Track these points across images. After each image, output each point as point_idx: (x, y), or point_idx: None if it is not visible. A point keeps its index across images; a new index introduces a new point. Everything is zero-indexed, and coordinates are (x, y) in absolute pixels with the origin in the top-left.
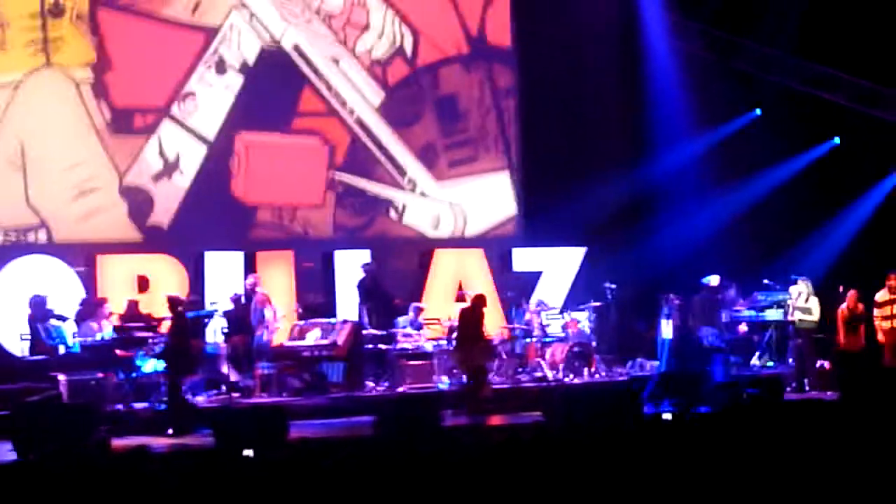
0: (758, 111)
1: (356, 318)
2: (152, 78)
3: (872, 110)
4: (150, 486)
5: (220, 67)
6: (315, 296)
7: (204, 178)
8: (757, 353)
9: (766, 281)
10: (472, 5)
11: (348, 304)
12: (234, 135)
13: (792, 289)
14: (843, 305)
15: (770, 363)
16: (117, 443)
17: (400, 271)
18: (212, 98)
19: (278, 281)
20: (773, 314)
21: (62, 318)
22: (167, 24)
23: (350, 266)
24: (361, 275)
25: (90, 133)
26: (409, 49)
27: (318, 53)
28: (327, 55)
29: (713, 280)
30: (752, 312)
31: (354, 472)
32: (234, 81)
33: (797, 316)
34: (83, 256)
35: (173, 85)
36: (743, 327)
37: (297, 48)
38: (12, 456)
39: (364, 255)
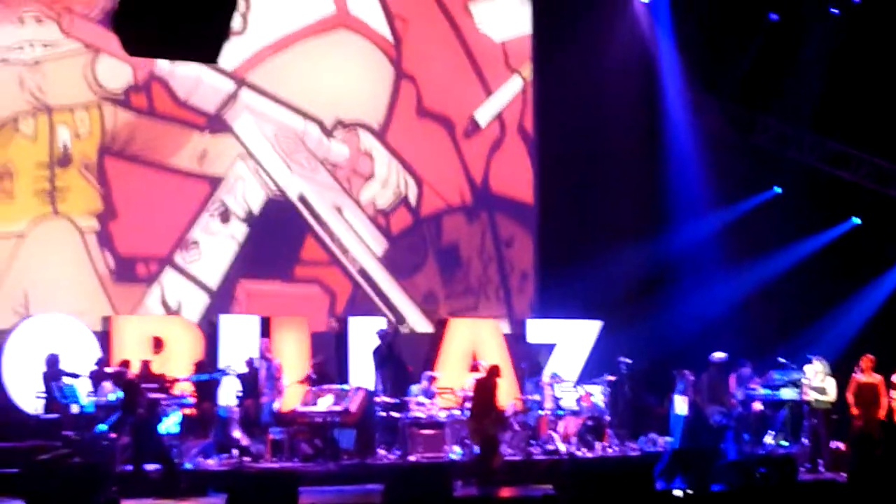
0: (777, 189)
1: (369, 385)
2: (156, 226)
3: (891, 190)
4: None
5: (225, 216)
6: (317, 357)
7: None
8: (771, 432)
9: (781, 359)
10: (476, 154)
11: (361, 371)
12: (235, 283)
13: (807, 368)
14: (857, 372)
15: (784, 443)
16: None
17: (414, 339)
18: (215, 246)
19: (291, 346)
20: (788, 393)
21: (75, 376)
22: (173, 173)
23: (364, 333)
24: (377, 342)
25: (93, 281)
26: (413, 198)
27: (323, 203)
28: (331, 204)
29: (720, 357)
30: (767, 391)
31: None
32: (238, 230)
33: (812, 395)
34: None
35: (177, 233)
36: (757, 405)
37: (302, 198)
38: None
39: (380, 322)
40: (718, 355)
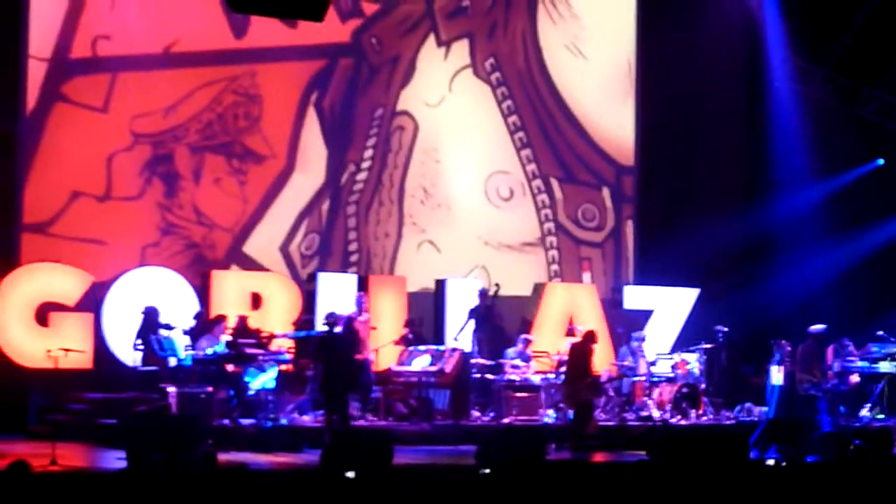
0: (880, 161)
1: (465, 347)
2: None
3: None
4: (253, 502)
5: None
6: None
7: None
8: (867, 405)
9: (879, 333)
10: None
11: (457, 332)
12: None
13: None
14: None
15: (880, 416)
16: (222, 457)
17: (511, 302)
18: None
19: (388, 305)
20: (885, 366)
21: (169, 327)
22: None
23: (462, 293)
24: (475, 301)
25: None
26: None
27: None
28: None
29: (818, 328)
30: (865, 363)
31: (455, 499)
32: None
33: None
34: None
35: None
36: (854, 378)
37: None
38: (122, 464)
39: (477, 284)
40: (817, 327)
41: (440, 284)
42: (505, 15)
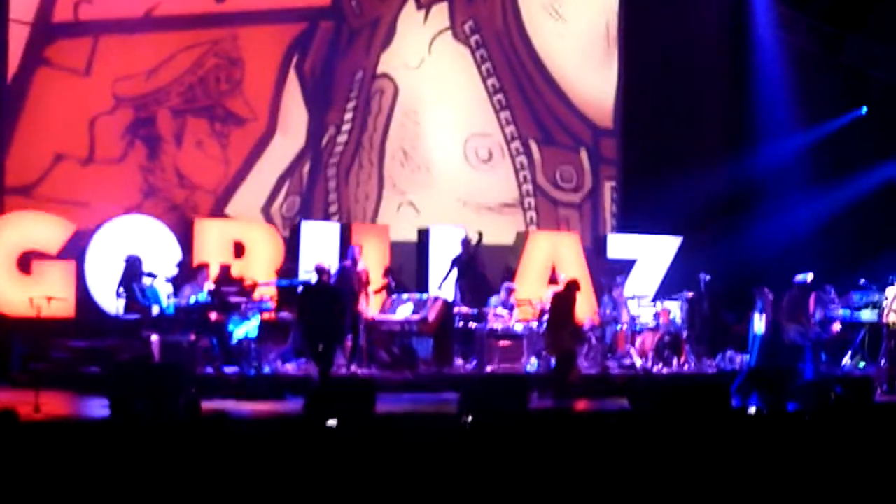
0: (864, 109)
1: (448, 295)
2: None
3: None
4: (235, 449)
5: None
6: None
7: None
8: (849, 354)
9: (862, 281)
10: None
11: (440, 280)
12: None
13: (888, 290)
14: None
15: (862, 364)
16: (205, 405)
17: (494, 250)
18: None
19: (372, 254)
20: (867, 315)
21: (152, 276)
22: None
23: (446, 241)
24: (458, 250)
25: None
26: None
27: None
28: None
29: (803, 278)
30: (847, 312)
31: (437, 447)
32: None
33: (892, 318)
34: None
35: None
36: (836, 326)
37: None
38: (105, 412)
39: (461, 232)
40: (803, 276)
41: (423, 233)
42: None
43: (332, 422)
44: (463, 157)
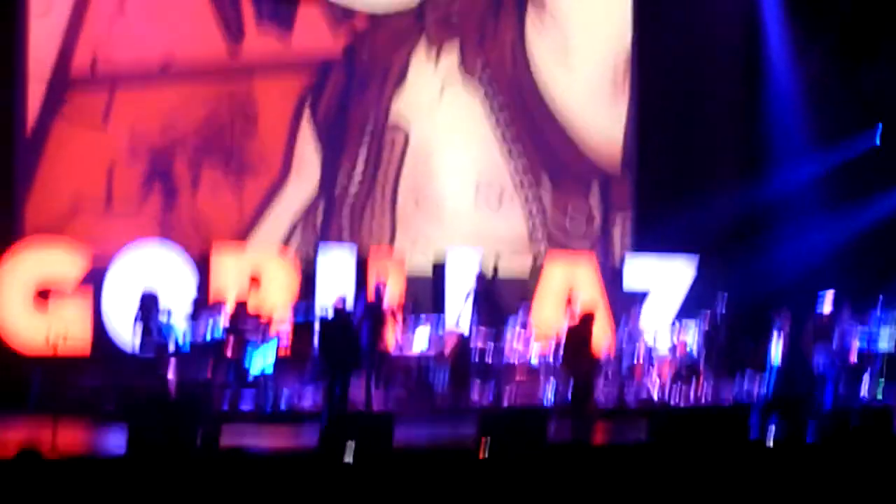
0: (879, 130)
1: (464, 324)
2: None
3: None
4: (253, 484)
5: None
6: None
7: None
8: (867, 383)
9: (880, 308)
10: None
11: (456, 307)
12: None
13: None
14: None
15: (880, 395)
16: (223, 441)
17: (510, 278)
18: None
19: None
20: (886, 343)
21: (168, 312)
22: None
23: (463, 265)
24: (473, 283)
25: None
26: None
27: None
28: None
29: (828, 302)
30: (865, 340)
31: (457, 480)
32: None
33: None
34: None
35: None
36: (855, 354)
37: None
38: (122, 449)
39: (477, 256)
40: (827, 302)
41: (439, 268)
42: (494, 23)
43: (348, 457)
44: (474, 200)
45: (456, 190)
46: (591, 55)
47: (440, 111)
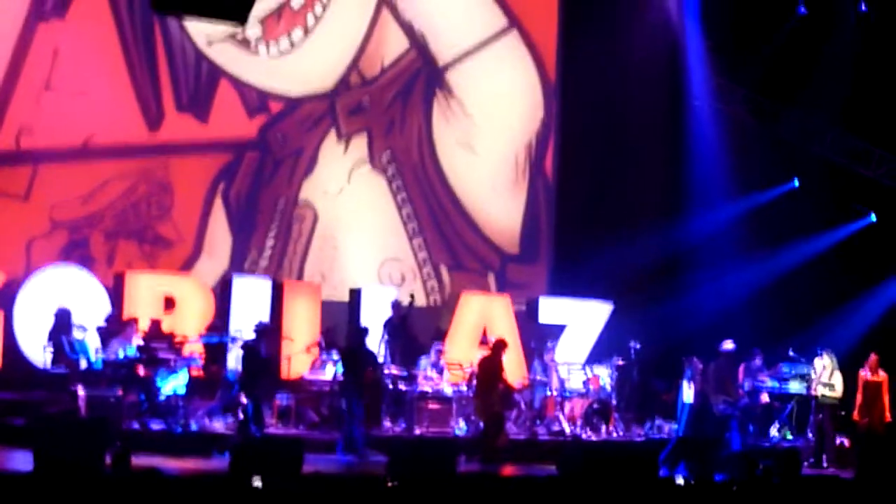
0: (796, 182)
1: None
2: None
3: None
4: None
5: None
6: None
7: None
8: (777, 425)
9: (791, 352)
10: None
11: (372, 340)
12: None
13: (816, 362)
14: (863, 370)
15: (789, 436)
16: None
17: (424, 312)
18: None
19: (302, 312)
20: (795, 387)
21: (82, 329)
22: None
23: (377, 302)
24: (389, 313)
25: None
26: None
27: None
28: None
29: (728, 345)
30: (775, 383)
31: None
32: None
33: (820, 391)
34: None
35: None
36: (765, 397)
37: None
38: (29, 466)
39: (392, 293)
40: (728, 345)
41: (355, 293)
42: (402, 112)
43: (257, 482)
44: (377, 280)
45: (360, 267)
46: (495, 144)
47: (348, 193)
